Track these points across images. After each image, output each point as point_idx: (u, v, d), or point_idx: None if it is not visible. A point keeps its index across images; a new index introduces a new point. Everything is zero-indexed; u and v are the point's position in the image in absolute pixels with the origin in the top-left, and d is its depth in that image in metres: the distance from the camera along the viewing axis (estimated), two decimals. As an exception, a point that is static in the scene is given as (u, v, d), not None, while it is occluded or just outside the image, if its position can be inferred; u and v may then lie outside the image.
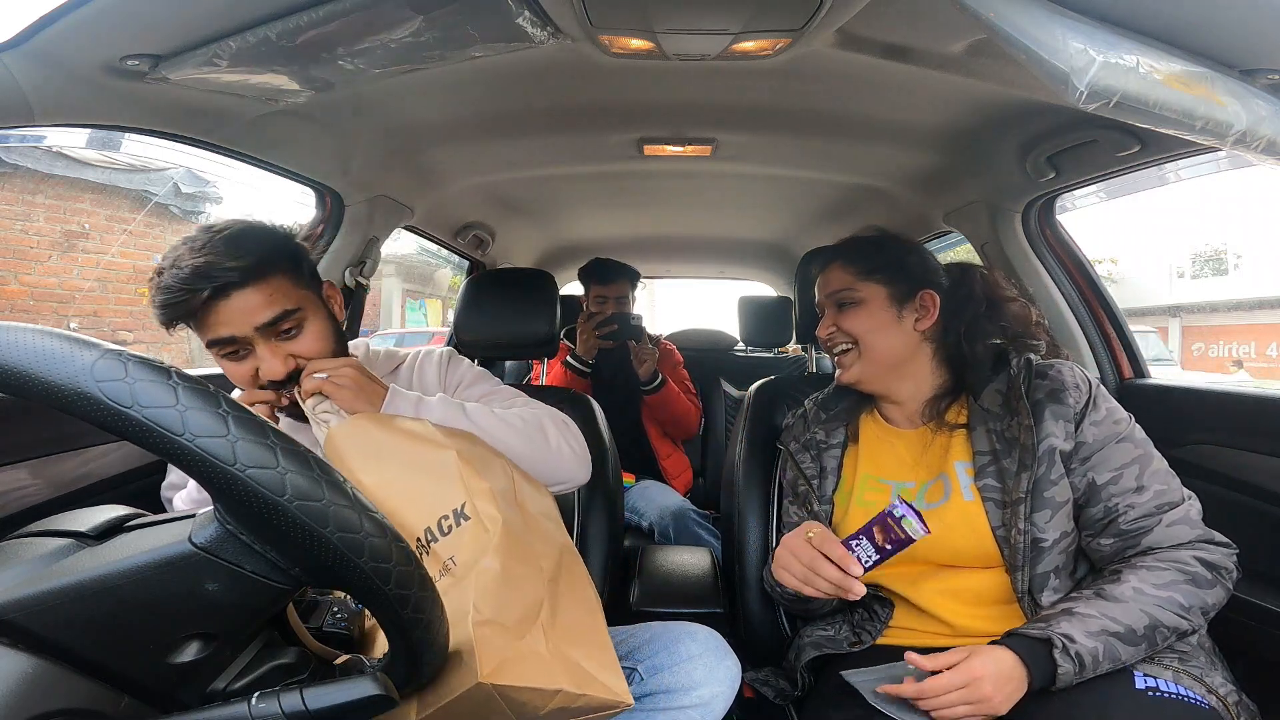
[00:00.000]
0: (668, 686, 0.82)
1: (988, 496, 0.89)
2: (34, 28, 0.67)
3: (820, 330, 1.04)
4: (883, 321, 0.98)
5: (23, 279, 4.50)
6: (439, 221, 1.86)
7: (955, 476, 0.93)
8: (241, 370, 0.84)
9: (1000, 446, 0.90)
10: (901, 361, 0.99)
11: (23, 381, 0.34)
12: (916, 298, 0.98)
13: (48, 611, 0.40)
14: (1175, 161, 1.08)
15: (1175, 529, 0.82)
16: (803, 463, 1.07)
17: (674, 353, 2.19)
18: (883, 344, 0.98)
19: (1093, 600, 0.78)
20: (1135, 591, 0.78)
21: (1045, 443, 0.87)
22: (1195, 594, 0.78)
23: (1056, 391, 0.89)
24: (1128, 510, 0.83)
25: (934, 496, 0.94)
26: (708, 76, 1.07)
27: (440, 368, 1.02)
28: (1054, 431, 0.87)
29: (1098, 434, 0.87)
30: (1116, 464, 0.85)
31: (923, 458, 0.98)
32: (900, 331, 0.98)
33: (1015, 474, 0.87)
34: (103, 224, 4.93)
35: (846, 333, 1.00)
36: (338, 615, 0.59)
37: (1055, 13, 0.59)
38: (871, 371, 1.00)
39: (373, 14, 0.73)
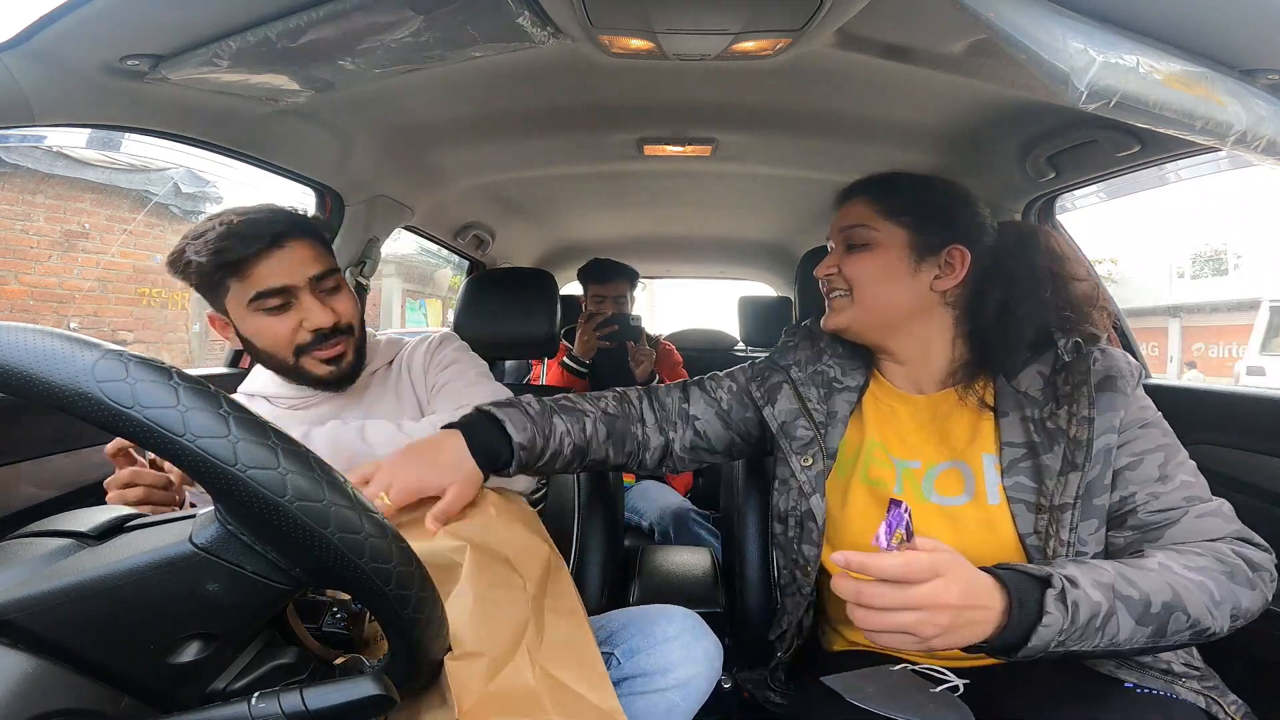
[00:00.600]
0: (645, 669, 0.80)
1: (1017, 498, 0.75)
2: (34, 28, 0.67)
3: (819, 268, 0.89)
4: (892, 271, 0.82)
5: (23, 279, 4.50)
6: (439, 221, 1.86)
7: (982, 471, 0.78)
8: (283, 325, 0.87)
9: (1040, 438, 0.75)
10: (904, 318, 0.84)
11: (23, 381, 0.34)
12: (943, 252, 0.82)
13: (48, 611, 0.40)
14: (1175, 161, 1.08)
15: (1207, 521, 0.69)
16: (809, 398, 0.89)
17: (673, 352, 2.19)
18: (884, 295, 0.83)
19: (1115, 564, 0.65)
20: (1161, 566, 0.64)
21: (1103, 439, 0.73)
22: (1230, 589, 0.64)
23: (1113, 378, 0.76)
24: (1149, 500, 0.71)
25: (948, 488, 0.80)
26: (708, 76, 1.07)
27: (429, 350, 1.03)
28: (1111, 425, 0.74)
29: (1128, 418, 0.75)
30: (1138, 449, 0.74)
31: (933, 431, 0.83)
32: (911, 286, 0.82)
33: (1060, 474, 0.73)
34: (103, 224, 4.93)
35: (847, 279, 0.85)
36: (338, 616, 0.59)
37: (1055, 13, 0.59)
38: (863, 321, 0.85)
39: (373, 14, 0.73)
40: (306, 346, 0.89)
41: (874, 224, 0.84)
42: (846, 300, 0.85)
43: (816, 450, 0.86)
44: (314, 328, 0.88)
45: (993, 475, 0.77)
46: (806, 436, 0.87)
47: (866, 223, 0.84)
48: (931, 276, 0.82)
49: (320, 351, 0.90)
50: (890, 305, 0.83)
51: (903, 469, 0.83)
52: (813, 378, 0.90)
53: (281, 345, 0.89)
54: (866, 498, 0.83)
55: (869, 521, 0.81)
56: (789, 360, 0.93)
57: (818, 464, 0.85)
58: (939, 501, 0.79)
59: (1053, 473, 0.73)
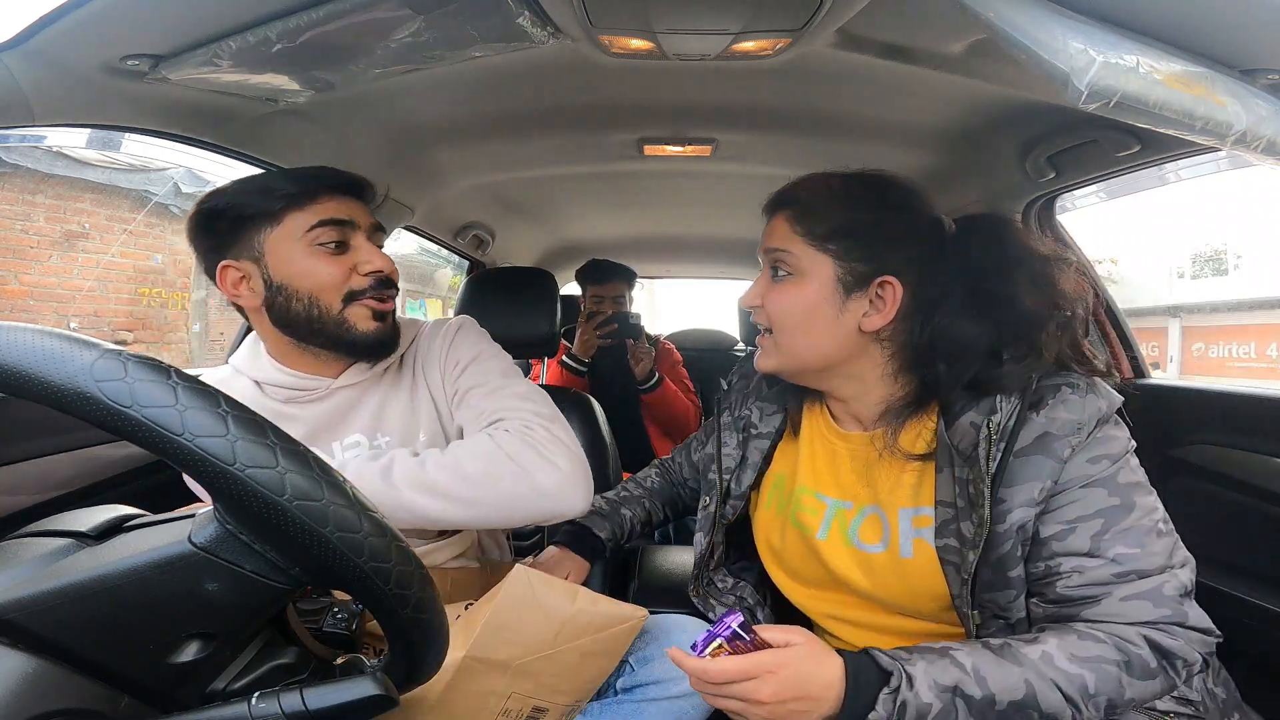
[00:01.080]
0: (658, 677, 0.82)
1: (947, 559, 0.69)
2: (34, 28, 0.67)
3: (744, 297, 0.81)
4: (815, 311, 0.74)
5: (23, 279, 4.50)
6: (439, 221, 1.86)
7: (896, 524, 0.74)
8: (337, 265, 0.81)
9: (963, 504, 0.68)
10: (832, 364, 0.77)
11: (23, 381, 0.34)
12: (872, 285, 0.73)
13: (48, 611, 0.40)
14: (1175, 161, 1.08)
15: (1131, 605, 0.63)
16: (726, 444, 0.90)
17: (673, 352, 2.19)
18: (805, 340, 0.76)
19: (979, 651, 0.62)
20: (1043, 657, 0.61)
21: (1014, 515, 0.65)
22: (1118, 681, 0.61)
23: (1049, 438, 0.65)
24: (1073, 574, 0.65)
25: (868, 535, 0.77)
26: (708, 76, 1.07)
27: (445, 341, 0.93)
28: (1031, 498, 0.65)
29: (1064, 477, 0.66)
30: (1070, 515, 0.65)
31: (867, 473, 0.78)
32: (835, 328, 0.74)
33: (971, 547, 0.67)
34: (103, 224, 4.93)
35: (768, 316, 0.78)
36: (338, 616, 0.59)
37: (1055, 13, 0.59)
38: (789, 366, 0.79)
39: (373, 14, 0.73)
40: (359, 292, 0.83)
41: (795, 249, 0.75)
42: (770, 342, 0.79)
43: (716, 495, 0.90)
44: (371, 269, 0.83)
45: (907, 528, 0.73)
46: (713, 480, 0.90)
47: (787, 247, 0.76)
48: (860, 315, 0.74)
49: (372, 300, 0.83)
50: (813, 350, 0.76)
51: (836, 509, 0.80)
52: (735, 422, 0.91)
53: (333, 286, 0.81)
54: (797, 540, 0.83)
55: (801, 561, 0.84)
56: (726, 402, 0.95)
57: (711, 506, 0.90)
58: (859, 546, 0.77)
59: (966, 543, 0.68)
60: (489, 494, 0.74)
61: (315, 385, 0.86)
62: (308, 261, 0.81)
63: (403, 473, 0.74)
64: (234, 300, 0.85)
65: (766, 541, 0.88)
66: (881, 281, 0.73)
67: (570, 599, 0.71)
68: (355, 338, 0.83)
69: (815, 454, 0.85)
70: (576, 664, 0.72)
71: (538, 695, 0.70)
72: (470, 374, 0.90)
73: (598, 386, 1.99)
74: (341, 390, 0.87)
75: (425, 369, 0.92)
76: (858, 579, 0.77)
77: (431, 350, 0.92)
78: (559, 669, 0.70)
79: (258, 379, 0.87)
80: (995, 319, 0.71)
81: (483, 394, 0.87)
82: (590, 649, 0.72)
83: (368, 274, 0.83)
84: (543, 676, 0.70)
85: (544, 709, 0.72)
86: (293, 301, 0.81)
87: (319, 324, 0.82)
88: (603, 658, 0.74)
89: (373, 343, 0.85)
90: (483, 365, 0.91)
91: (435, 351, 0.92)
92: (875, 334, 0.75)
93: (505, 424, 0.81)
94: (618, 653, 0.76)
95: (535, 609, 0.69)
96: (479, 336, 0.96)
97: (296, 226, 0.81)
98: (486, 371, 0.90)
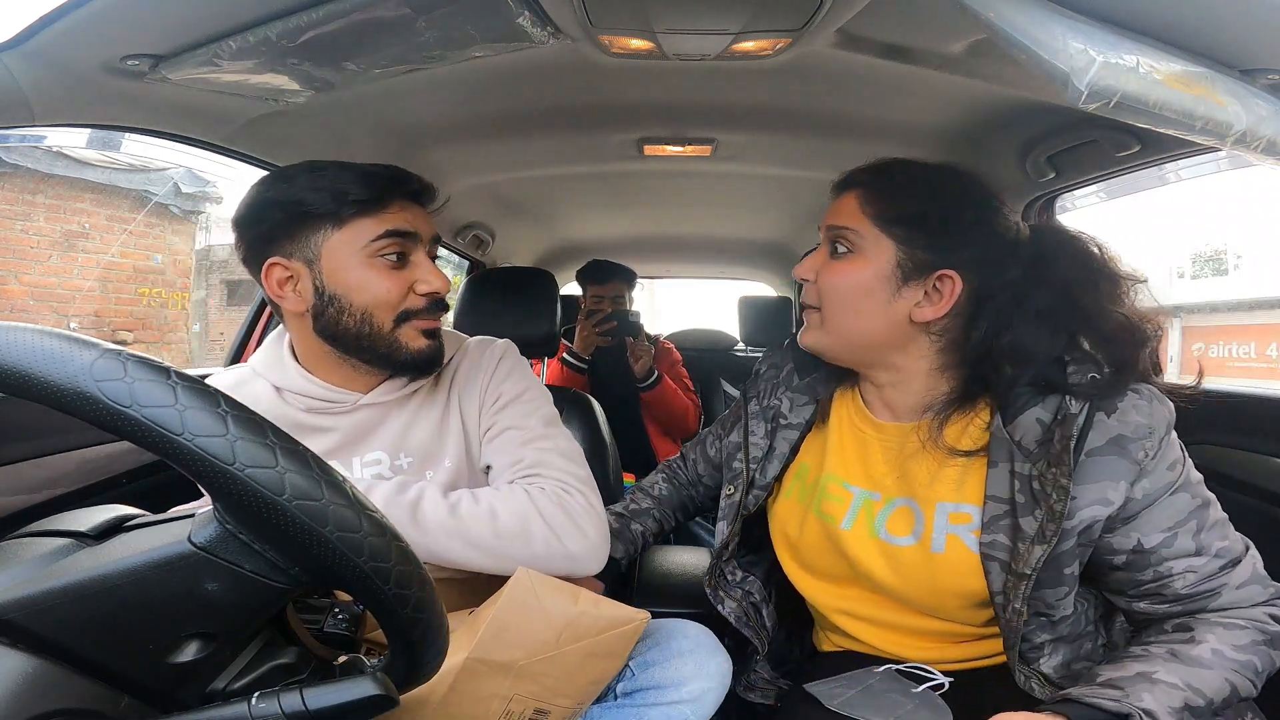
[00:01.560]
0: (659, 682, 0.81)
1: (992, 556, 0.69)
2: (34, 28, 0.67)
3: (799, 268, 0.81)
4: (868, 292, 0.73)
5: (23, 279, 4.50)
6: (439, 221, 1.85)
7: (932, 518, 0.73)
8: (396, 280, 0.78)
9: (1023, 499, 0.68)
10: (876, 348, 0.77)
11: (22, 381, 0.34)
12: (931, 277, 0.72)
13: (48, 611, 0.40)
14: (1175, 161, 1.08)
15: (1248, 590, 0.67)
16: (754, 433, 0.89)
17: (672, 351, 2.20)
18: (852, 320, 0.75)
19: (1172, 664, 0.63)
20: (1215, 655, 0.63)
21: (1084, 513, 0.66)
22: (1269, 657, 0.65)
23: (1123, 440, 0.66)
24: (1186, 574, 0.66)
25: (898, 527, 0.76)
26: (708, 76, 1.07)
27: (488, 371, 0.89)
28: (1104, 497, 0.66)
29: (1151, 487, 0.66)
30: (1169, 523, 0.67)
31: (897, 464, 0.77)
32: (885, 313, 0.73)
33: (1030, 542, 0.67)
34: (103, 224, 4.93)
35: (819, 291, 0.77)
36: (339, 616, 0.59)
37: (1055, 13, 0.59)
38: (832, 346, 0.79)
39: (373, 14, 0.73)
40: (414, 312, 0.80)
41: (861, 228, 0.74)
42: (816, 318, 0.78)
43: (741, 484, 0.88)
44: (429, 290, 0.80)
45: (943, 523, 0.72)
46: (738, 469, 0.89)
47: (853, 225, 0.75)
48: (912, 304, 0.73)
49: (424, 321, 0.80)
50: (859, 332, 0.75)
51: (863, 499, 0.79)
52: (764, 412, 0.90)
53: (388, 304, 0.78)
54: (818, 531, 0.82)
55: (820, 553, 0.83)
56: (754, 391, 0.93)
57: (736, 495, 0.88)
58: (886, 538, 0.76)
59: (1026, 538, 0.67)
60: (519, 552, 0.75)
61: (342, 399, 0.83)
62: (366, 273, 0.77)
63: (433, 514, 0.74)
64: (276, 300, 0.80)
65: (783, 532, 0.87)
66: (941, 274, 0.72)
67: (572, 601, 0.71)
68: (405, 357, 0.80)
69: (844, 442, 0.83)
70: (578, 666, 0.72)
71: (540, 698, 0.71)
72: (511, 413, 0.87)
73: (599, 387, 1.99)
74: (368, 406, 0.84)
75: (462, 396, 0.88)
76: (880, 572, 0.76)
77: (474, 378, 0.89)
78: (561, 671, 0.71)
79: (279, 384, 0.83)
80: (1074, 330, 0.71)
81: (521, 439, 0.84)
82: (592, 651, 0.72)
83: (424, 294, 0.80)
84: (545, 679, 0.70)
85: (546, 711, 0.72)
86: (344, 315, 0.78)
87: (368, 340, 0.79)
88: (604, 660, 0.74)
89: (423, 361, 0.82)
90: (525, 407, 0.88)
91: (477, 380, 0.89)
92: (925, 326, 0.74)
93: (542, 481, 0.80)
94: (620, 655, 0.76)
95: (538, 611, 0.69)
96: (524, 372, 0.92)
97: (361, 234, 0.76)
98: (528, 415, 0.87)
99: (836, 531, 0.80)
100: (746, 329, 2.50)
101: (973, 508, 0.72)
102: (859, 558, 0.78)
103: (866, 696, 0.75)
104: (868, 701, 0.74)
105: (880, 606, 0.80)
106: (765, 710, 0.94)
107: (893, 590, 0.77)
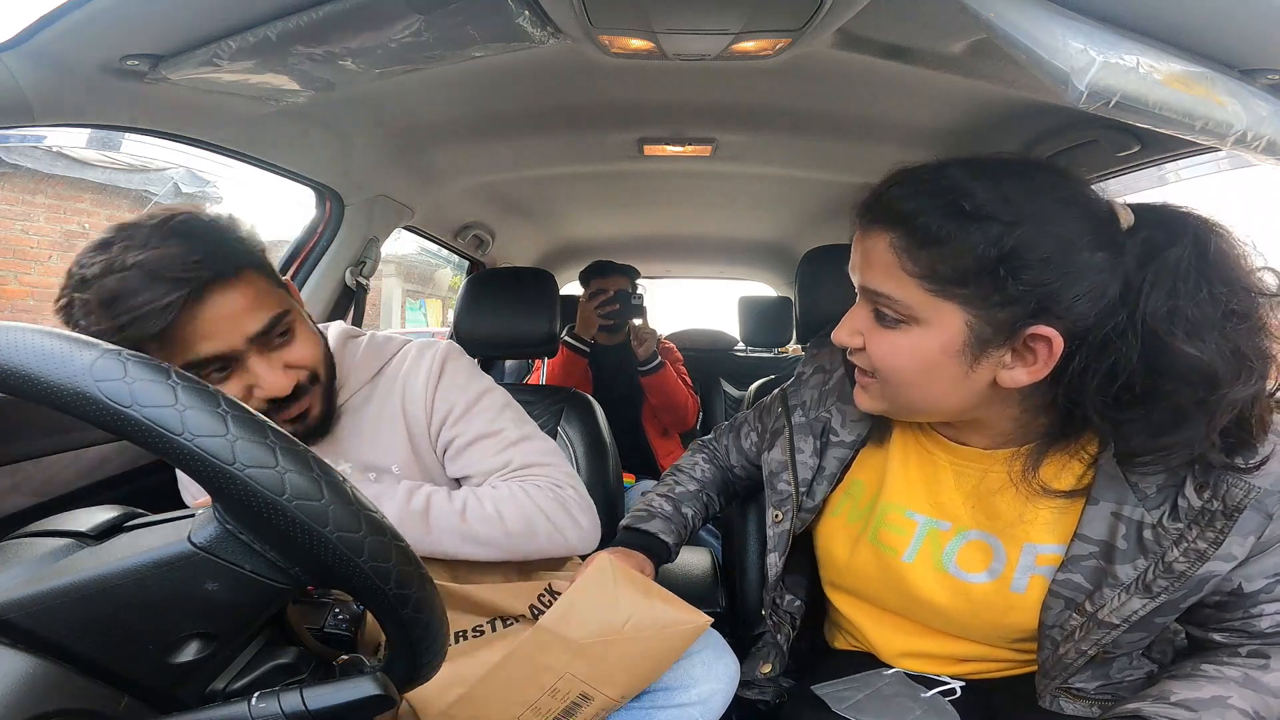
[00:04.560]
0: (667, 684, 0.82)
1: (1060, 593, 0.63)
2: (34, 28, 0.67)
3: (838, 332, 0.67)
4: (935, 367, 0.59)
5: (23, 279, 4.50)
6: (439, 221, 1.86)
7: (1018, 557, 0.65)
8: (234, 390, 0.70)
9: (1125, 545, 0.60)
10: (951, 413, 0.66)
11: (22, 381, 0.34)
12: (1020, 336, 0.56)
13: (48, 611, 0.40)
14: (1175, 161, 1.08)
15: None
16: (800, 450, 0.79)
17: (673, 350, 2.20)
18: (917, 396, 0.63)
19: (1244, 690, 0.59)
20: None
21: (1206, 568, 0.58)
22: None
23: (1261, 494, 0.57)
24: (1275, 615, 0.62)
25: (971, 562, 0.68)
26: (708, 76, 1.07)
27: (430, 380, 0.85)
28: (1230, 553, 0.58)
29: (1271, 535, 0.59)
30: (1274, 570, 0.60)
31: (975, 495, 0.68)
32: (959, 386, 0.60)
33: (1124, 591, 0.60)
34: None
35: (871, 361, 0.64)
36: (339, 616, 0.59)
37: (1055, 13, 0.59)
38: (902, 415, 0.69)
39: (373, 14, 0.73)
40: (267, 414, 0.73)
41: (906, 298, 0.58)
42: (876, 385, 0.66)
43: (790, 509, 0.80)
44: (267, 397, 0.72)
45: (1028, 563, 0.65)
46: (785, 492, 0.81)
47: (895, 294, 0.59)
48: (997, 367, 0.58)
49: (280, 415, 0.74)
50: (932, 405, 0.63)
51: (928, 529, 0.70)
52: (811, 425, 0.80)
53: None
54: (871, 560, 0.75)
55: (871, 583, 0.78)
56: (797, 399, 0.83)
57: (785, 523, 0.81)
58: (956, 574, 0.69)
59: (1118, 586, 0.60)
60: (525, 546, 0.81)
61: None
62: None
63: (443, 520, 0.77)
64: None
65: (829, 554, 0.80)
66: (1032, 331, 0.56)
67: (644, 593, 0.74)
68: None
69: (908, 465, 0.73)
70: (634, 657, 0.73)
71: (590, 680, 0.72)
72: (475, 422, 0.85)
73: (600, 386, 2.00)
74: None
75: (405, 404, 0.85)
76: (944, 605, 0.70)
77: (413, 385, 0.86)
78: (617, 658, 0.72)
79: None
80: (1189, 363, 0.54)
81: (500, 445, 0.85)
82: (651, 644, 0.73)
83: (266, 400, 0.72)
84: (601, 663, 0.71)
85: (590, 698, 0.73)
86: None
87: None
88: (658, 657, 0.75)
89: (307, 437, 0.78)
90: (487, 413, 0.86)
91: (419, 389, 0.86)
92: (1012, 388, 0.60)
93: (537, 480, 0.84)
94: (675, 654, 0.76)
95: (610, 594, 0.73)
96: (470, 373, 0.89)
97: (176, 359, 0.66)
98: (494, 419, 0.86)
99: (896, 564, 0.73)
100: (746, 329, 2.51)
101: (1063, 548, 0.64)
102: (921, 591, 0.72)
103: (875, 701, 0.75)
104: (877, 706, 0.74)
105: (923, 635, 0.77)
106: (765, 708, 0.93)
107: (952, 620, 0.72)
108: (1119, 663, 0.69)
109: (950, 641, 0.76)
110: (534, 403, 1.24)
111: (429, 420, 0.86)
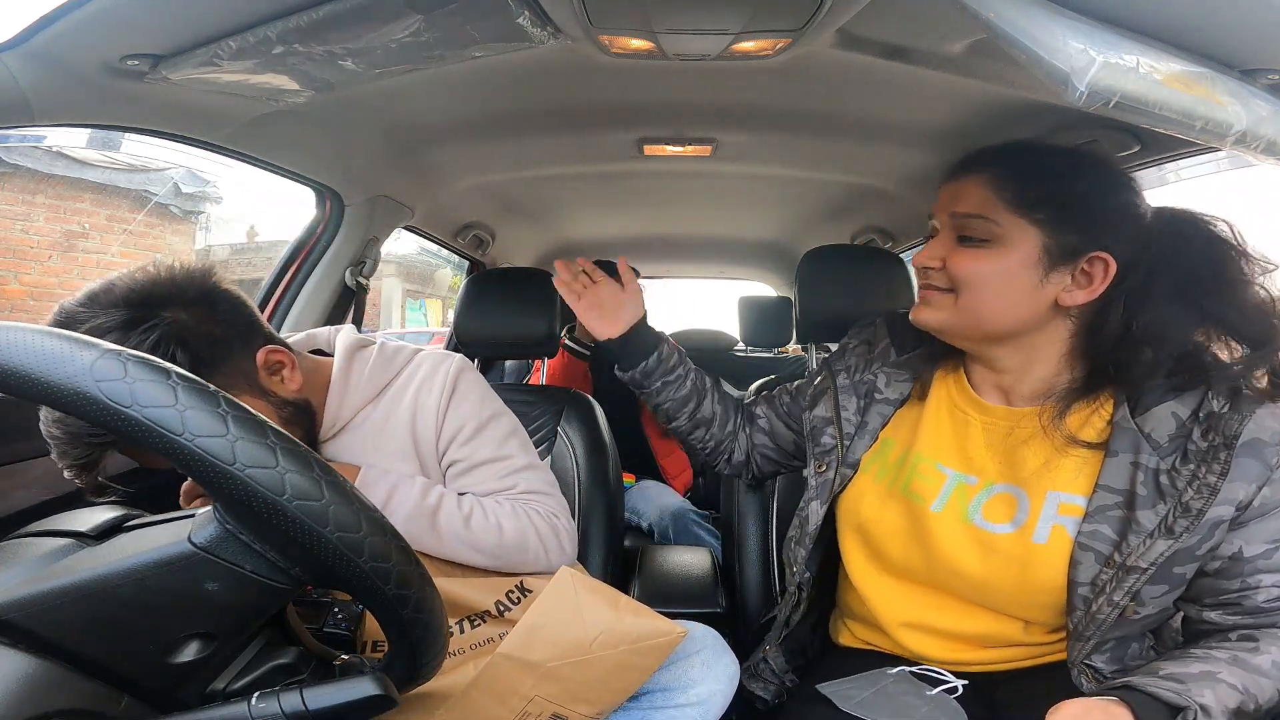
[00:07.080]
0: (665, 685, 0.81)
1: (1088, 546, 0.67)
2: (34, 28, 0.67)
3: (919, 256, 0.76)
4: (1014, 279, 0.69)
5: (23, 279, 4.50)
6: (439, 221, 1.86)
7: (1040, 507, 0.71)
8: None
9: (1145, 492, 0.66)
10: (1015, 334, 0.73)
11: (23, 381, 0.34)
12: (1081, 259, 0.68)
13: (48, 611, 0.40)
14: (1175, 161, 1.08)
15: None
16: (845, 407, 0.85)
17: (674, 351, 2.19)
18: (996, 305, 0.71)
19: (1233, 667, 0.63)
20: (1275, 666, 0.64)
21: (1218, 510, 0.64)
22: None
23: (1259, 444, 0.64)
24: (1271, 589, 0.66)
25: (996, 514, 0.73)
26: (708, 76, 1.07)
27: (443, 398, 0.86)
28: (1235, 497, 0.64)
29: (1271, 496, 0.65)
30: (1273, 535, 0.66)
31: (1003, 449, 0.75)
32: (1033, 298, 0.70)
33: (1150, 536, 0.65)
34: (103, 224, 4.93)
35: (952, 276, 0.72)
36: (339, 616, 0.59)
37: (1055, 13, 0.59)
38: (961, 328, 0.74)
39: (373, 14, 0.73)
40: None
41: (998, 217, 0.70)
42: (947, 299, 0.74)
43: (834, 460, 0.85)
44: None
45: (1050, 513, 0.70)
46: (829, 445, 0.86)
47: (988, 214, 0.70)
48: (1061, 288, 0.69)
49: None
50: (1001, 317, 0.71)
51: (957, 482, 0.76)
52: (856, 386, 0.86)
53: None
54: (900, 512, 0.79)
55: (897, 540, 0.79)
56: (841, 364, 0.90)
57: (829, 472, 0.85)
58: (980, 524, 0.73)
59: (1142, 532, 0.65)
60: (513, 559, 0.84)
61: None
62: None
63: (449, 523, 0.80)
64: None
65: (855, 516, 0.82)
66: (1092, 258, 0.68)
67: (612, 608, 0.72)
68: None
69: (941, 422, 0.80)
70: (606, 674, 0.71)
71: (560, 702, 0.70)
72: (484, 444, 0.87)
73: (601, 387, 1.99)
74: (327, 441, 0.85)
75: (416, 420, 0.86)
76: (967, 560, 0.73)
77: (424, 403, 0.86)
78: (587, 677, 0.70)
79: None
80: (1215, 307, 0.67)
81: (506, 470, 0.88)
82: (622, 660, 0.72)
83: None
84: (569, 683, 0.70)
85: (563, 718, 0.72)
86: None
87: None
88: (633, 672, 0.74)
89: None
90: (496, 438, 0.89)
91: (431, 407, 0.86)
92: (1067, 310, 0.71)
93: (537, 506, 0.88)
94: (649, 669, 0.76)
95: (574, 614, 0.70)
96: (482, 393, 0.91)
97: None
98: (502, 443, 0.89)
99: (924, 513, 0.76)
100: (746, 329, 2.51)
101: (1085, 499, 0.70)
102: (944, 544, 0.75)
103: (881, 699, 0.75)
104: (883, 704, 0.74)
105: (941, 610, 0.78)
106: (767, 706, 0.93)
107: (974, 581, 0.74)
108: (1133, 648, 0.73)
109: (957, 615, 0.77)
110: (534, 403, 1.24)
111: (438, 437, 0.86)
